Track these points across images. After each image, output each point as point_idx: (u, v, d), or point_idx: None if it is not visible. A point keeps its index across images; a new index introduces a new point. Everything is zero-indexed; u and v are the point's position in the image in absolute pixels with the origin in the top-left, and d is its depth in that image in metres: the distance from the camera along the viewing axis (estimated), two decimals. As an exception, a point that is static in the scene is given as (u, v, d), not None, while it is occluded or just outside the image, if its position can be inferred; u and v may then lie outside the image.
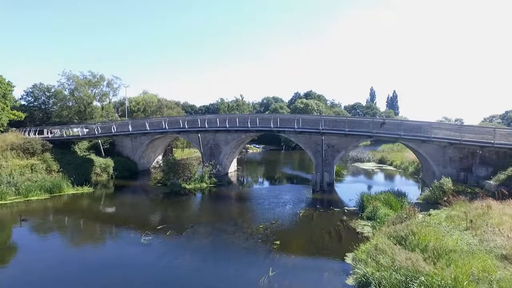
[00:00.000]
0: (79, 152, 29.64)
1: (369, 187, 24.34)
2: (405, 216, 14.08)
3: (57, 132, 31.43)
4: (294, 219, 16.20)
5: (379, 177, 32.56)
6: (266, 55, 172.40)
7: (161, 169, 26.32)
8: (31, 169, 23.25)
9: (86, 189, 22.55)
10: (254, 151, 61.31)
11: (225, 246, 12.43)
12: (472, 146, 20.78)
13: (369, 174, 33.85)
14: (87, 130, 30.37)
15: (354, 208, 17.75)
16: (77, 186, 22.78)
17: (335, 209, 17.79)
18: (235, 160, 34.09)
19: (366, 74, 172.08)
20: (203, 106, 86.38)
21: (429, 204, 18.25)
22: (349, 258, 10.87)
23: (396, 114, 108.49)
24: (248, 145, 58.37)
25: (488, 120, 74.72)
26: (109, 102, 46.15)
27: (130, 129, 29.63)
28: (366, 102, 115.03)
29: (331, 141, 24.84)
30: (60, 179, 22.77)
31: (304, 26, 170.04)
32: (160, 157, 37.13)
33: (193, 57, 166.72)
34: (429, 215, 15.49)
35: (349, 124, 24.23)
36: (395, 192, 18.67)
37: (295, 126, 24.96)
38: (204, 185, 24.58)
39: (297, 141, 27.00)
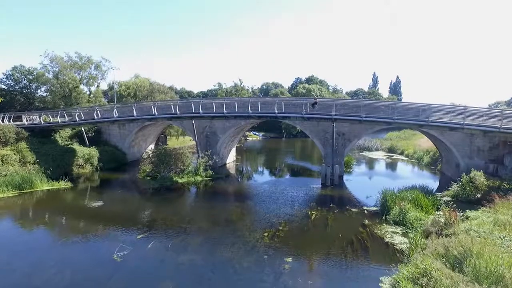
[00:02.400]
0: (60, 141, 26.65)
1: (385, 181, 21.51)
2: (443, 221, 11.50)
3: (36, 118, 28.32)
4: (305, 224, 13.40)
5: (392, 168, 29.90)
6: (265, 40, 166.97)
7: (150, 161, 23.29)
8: (2, 161, 20.38)
9: (63, 184, 19.64)
10: (254, 139, 58.50)
11: (221, 265, 9.56)
12: (510, 134, 17.93)
13: (380, 164, 31.17)
14: (70, 117, 27.30)
15: (375, 209, 15.03)
16: (54, 180, 19.93)
17: (352, 210, 15.08)
18: (233, 150, 31.22)
19: (369, 59, 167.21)
20: (201, 92, 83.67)
21: (459, 202, 15.53)
22: (386, 286, 8.17)
23: (399, 100, 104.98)
24: (248, 133, 55.42)
25: (493, 106, 72.12)
26: (97, 87, 42.93)
27: (115, 115, 26.46)
28: (369, 87, 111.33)
29: (342, 128, 21.95)
30: (35, 172, 20.02)
31: (306, 9, 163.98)
32: (152, 145, 34.19)
33: (191, 43, 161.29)
34: (467, 217, 12.81)
35: (365, 109, 21.25)
36: (422, 189, 16.03)
37: (303, 112, 21.93)
38: (199, 178, 21.77)
39: (303, 129, 23.99)
